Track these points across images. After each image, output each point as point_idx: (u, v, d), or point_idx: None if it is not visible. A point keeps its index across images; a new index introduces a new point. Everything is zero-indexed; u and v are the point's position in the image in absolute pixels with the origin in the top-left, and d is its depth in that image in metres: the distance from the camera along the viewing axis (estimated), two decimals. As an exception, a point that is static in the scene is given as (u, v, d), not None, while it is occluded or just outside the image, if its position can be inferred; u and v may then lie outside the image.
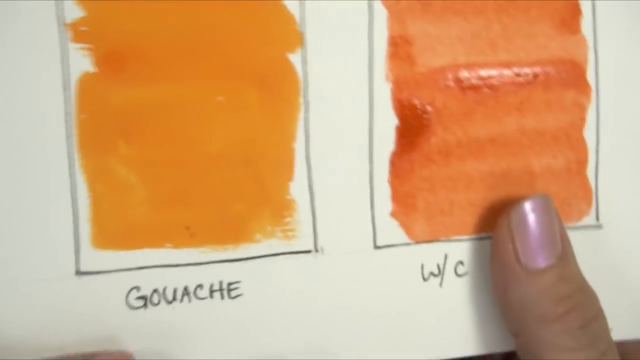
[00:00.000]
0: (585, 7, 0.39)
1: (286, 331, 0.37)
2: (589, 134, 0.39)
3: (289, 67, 0.36)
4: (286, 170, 0.36)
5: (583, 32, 0.39)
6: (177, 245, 0.36)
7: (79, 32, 0.34)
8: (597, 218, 0.40)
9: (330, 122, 0.36)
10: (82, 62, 0.34)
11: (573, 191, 0.39)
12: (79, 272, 0.35)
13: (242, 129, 0.36)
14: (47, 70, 0.34)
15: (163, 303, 0.36)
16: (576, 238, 0.39)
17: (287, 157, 0.36)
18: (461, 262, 0.39)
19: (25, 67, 0.34)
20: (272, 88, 0.36)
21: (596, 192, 0.40)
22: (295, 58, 0.36)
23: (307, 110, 0.36)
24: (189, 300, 0.36)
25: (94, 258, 0.35)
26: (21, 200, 0.34)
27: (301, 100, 0.36)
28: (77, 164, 0.34)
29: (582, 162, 0.39)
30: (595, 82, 0.39)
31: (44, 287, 0.35)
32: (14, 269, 0.34)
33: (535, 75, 0.38)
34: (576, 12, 0.38)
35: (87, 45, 0.34)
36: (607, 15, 0.39)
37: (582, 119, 0.39)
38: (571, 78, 0.39)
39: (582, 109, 0.39)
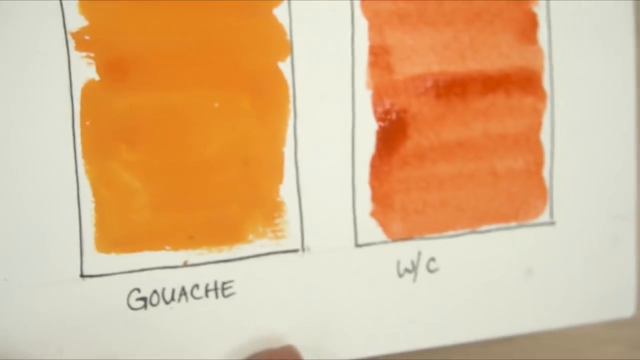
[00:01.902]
0: (541, 19, 0.43)
1: (275, 327, 0.41)
2: (544, 137, 0.44)
3: (279, 75, 0.39)
4: (277, 173, 0.40)
5: (540, 42, 0.43)
6: (175, 247, 0.38)
7: (82, 41, 0.37)
8: (551, 215, 0.45)
9: (316, 128, 0.40)
10: (86, 70, 0.37)
11: (531, 191, 0.44)
12: (83, 275, 0.38)
13: (237, 133, 0.39)
14: (55, 78, 0.36)
15: (162, 303, 0.39)
16: (532, 234, 0.44)
17: (277, 161, 0.40)
18: (433, 259, 0.43)
19: (33, 74, 0.36)
20: (264, 95, 0.39)
21: (551, 192, 0.45)
22: (285, 66, 0.39)
23: (295, 117, 0.40)
24: (186, 300, 0.39)
25: (97, 261, 0.38)
26: (28, 204, 0.36)
27: (290, 106, 0.39)
28: (82, 169, 0.37)
29: (539, 164, 0.44)
30: (550, 89, 0.44)
31: (50, 290, 0.37)
32: (20, 272, 0.37)
33: (499, 83, 0.43)
34: (534, 24, 0.43)
35: (90, 54, 0.37)
36: (561, 26, 0.44)
37: (539, 124, 0.44)
38: (529, 85, 0.43)
39: (538, 114, 0.44)
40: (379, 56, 0.41)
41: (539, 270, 0.45)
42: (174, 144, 0.38)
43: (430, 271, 0.43)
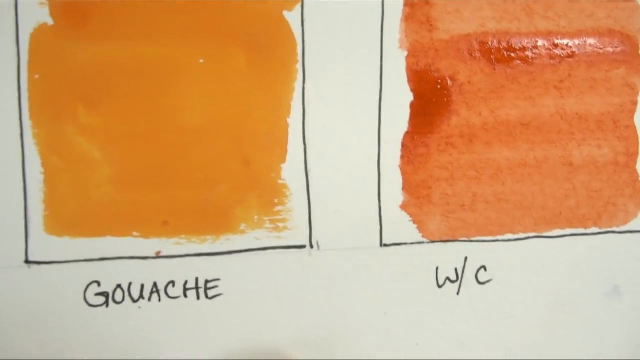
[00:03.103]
0: (641, -31, 0.35)
1: (270, 339, 0.34)
2: (640, 120, 0.35)
3: (284, 27, 0.32)
4: (279, 149, 0.33)
5: (638, -2, 0.35)
6: (146, 234, 0.32)
7: (34, -24, 0.31)
8: (647, 221, 0.36)
9: (332, 95, 0.33)
10: (37, 12, 0.31)
11: (619, 188, 0.35)
12: (28, 261, 0.32)
13: (227, 98, 0.32)
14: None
15: (128, 301, 0.33)
16: (619, 244, 0.35)
17: (280, 134, 0.33)
18: (483, 268, 0.35)
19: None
20: (264, 51, 0.32)
21: (647, 190, 0.36)
22: (292, 16, 0.32)
23: (304, 79, 0.32)
24: (159, 299, 0.33)
25: (46, 245, 0.32)
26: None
27: (298, 67, 0.32)
28: (29, 133, 0.31)
29: (632, 154, 0.35)
30: (650, 60, 0.35)
31: (-13, 276, 0.32)
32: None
33: (579, 48, 0.34)
34: (630, -25, 0.34)
35: (44, -8, 0.31)
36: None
37: (634, 103, 0.35)
38: (621, 53, 0.35)
39: (633, 91, 0.35)
40: (417, 8, 0.33)
41: (628, 289, 0.36)
42: (146, 107, 0.32)
43: (480, 283, 0.35)
